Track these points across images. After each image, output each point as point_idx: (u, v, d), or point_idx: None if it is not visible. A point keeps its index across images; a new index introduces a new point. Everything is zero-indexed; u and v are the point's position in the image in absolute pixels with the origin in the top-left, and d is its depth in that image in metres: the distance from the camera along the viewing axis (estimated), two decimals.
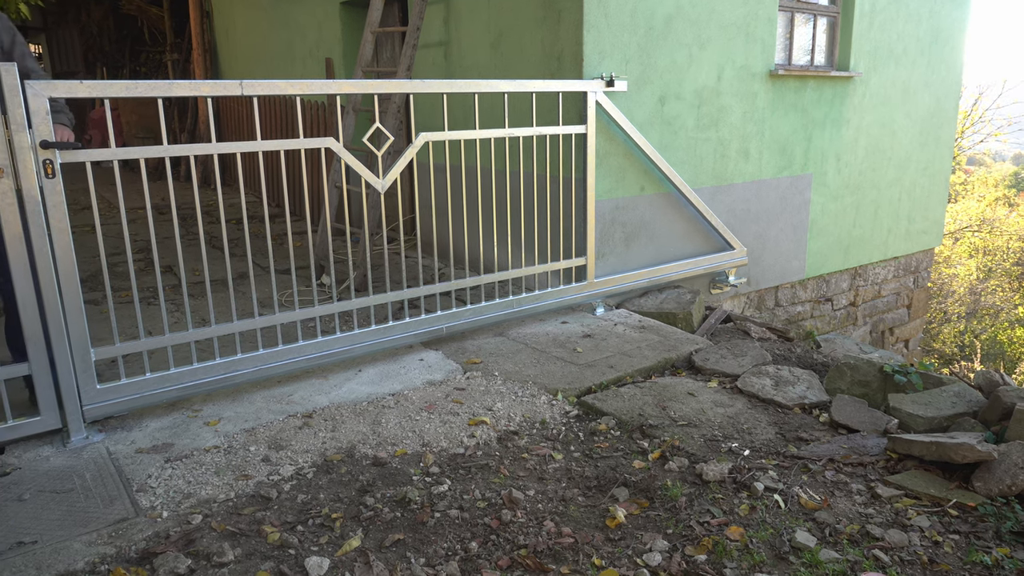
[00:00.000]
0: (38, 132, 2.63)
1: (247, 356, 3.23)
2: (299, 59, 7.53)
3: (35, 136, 2.62)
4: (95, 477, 2.58)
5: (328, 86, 3.28)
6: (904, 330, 7.36)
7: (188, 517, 2.35)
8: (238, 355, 3.21)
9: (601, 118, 4.28)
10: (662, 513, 2.40)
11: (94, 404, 2.89)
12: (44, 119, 2.63)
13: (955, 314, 15.53)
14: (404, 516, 2.38)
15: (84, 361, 2.84)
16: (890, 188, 6.54)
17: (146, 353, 3.03)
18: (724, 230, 5.10)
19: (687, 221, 4.98)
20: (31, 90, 2.60)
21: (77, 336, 2.80)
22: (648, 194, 4.72)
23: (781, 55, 5.49)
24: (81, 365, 2.84)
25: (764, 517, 2.37)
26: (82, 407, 2.87)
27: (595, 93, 4.14)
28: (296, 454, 2.76)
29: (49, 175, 2.66)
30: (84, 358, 2.84)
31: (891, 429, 2.97)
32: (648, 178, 4.70)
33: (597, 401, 3.23)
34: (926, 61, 6.41)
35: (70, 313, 2.77)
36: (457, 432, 2.95)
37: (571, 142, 4.26)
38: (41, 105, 2.62)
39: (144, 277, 5.31)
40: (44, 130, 2.63)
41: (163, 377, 3.04)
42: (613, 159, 4.48)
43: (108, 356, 2.92)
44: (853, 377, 3.42)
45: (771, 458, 2.77)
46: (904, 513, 2.39)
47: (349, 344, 3.47)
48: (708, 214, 4.96)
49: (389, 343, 3.58)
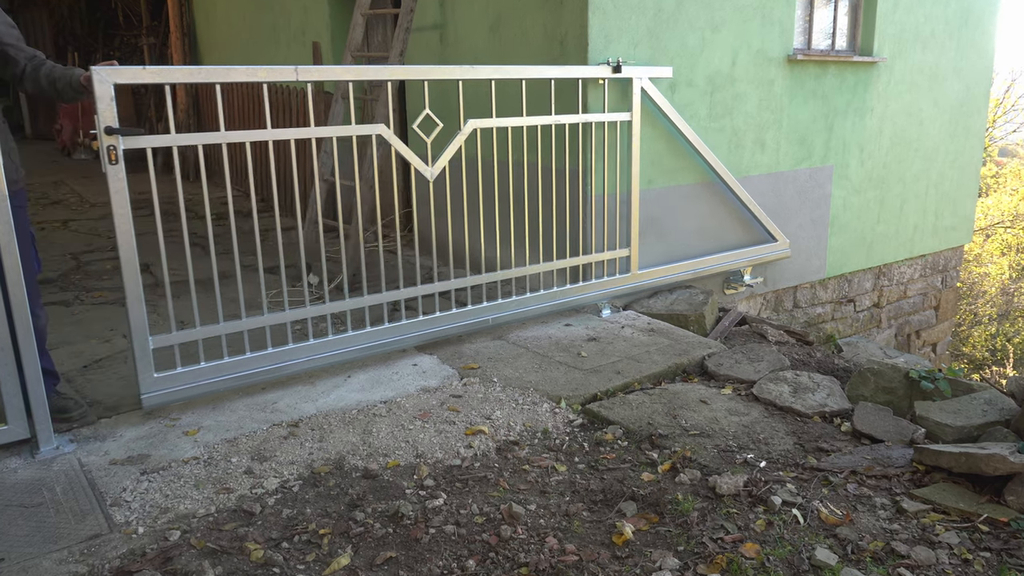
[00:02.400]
0: (103, 118, 2.77)
1: (301, 345, 3.41)
2: (284, 43, 7.54)
3: (101, 122, 2.76)
4: (66, 490, 2.58)
5: (379, 72, 3.40)
6: (931, 333, 7.36)
7: (165, 533, 2.35)
8: (289, 345, 3.40)
9: (642, 105, 4.36)
10: (672, 529, 2.40)
11: (152, 392, 3.06)
12: (108, 105, 2.77)
13: (986, 316, 15.53)
14: (396, 532, 2.38)
15: (143, 349, 3.02)
16: (916, 181, 6.54)
17: (201, 342, 3.19)
18: (767, 221, 5.25)
19: (728, 212, 5.10)
20: (97, 76, 2.73)
21: (137, 324, 2.98)
22: (687, 184, 4.86)
23: (800, 39, 5.49)
24: (140, 353, 3.01)
25: (782, 533, 2.37)
26: (140, 395, 3.05)
27: (640, 80, 4.33)
28: (281, 466, 2.76)
29: (112, 161, 2.82)
30: (143, 346, 3.01)
31: (917, 439, 2.97)
32: (687, 167, 4.83)
33: (603, 409, 3.24)
34: (955, 45, 6.41)
35: (131, 302, 2.96)
36: (453, 442, 2.95)
37: (616, 130, 4.39)
38: (106, 91, 2.76)
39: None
40: (108, 116, 2.77)
41: (217, 366, 3.21)
42: (650, 146, 4.61)
43: (165, 344, 3.09)
44: (877, 383, 3.42)
45: (789, 470, 2.77)
46: (931, 529, 2.39)
47: (393, 337, 3.61)
48: (751, 204, 5.11)
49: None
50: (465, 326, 3.88)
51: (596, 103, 4.29)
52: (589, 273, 4.40)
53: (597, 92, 4.28)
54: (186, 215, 3.13)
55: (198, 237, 6.47)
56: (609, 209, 4.45)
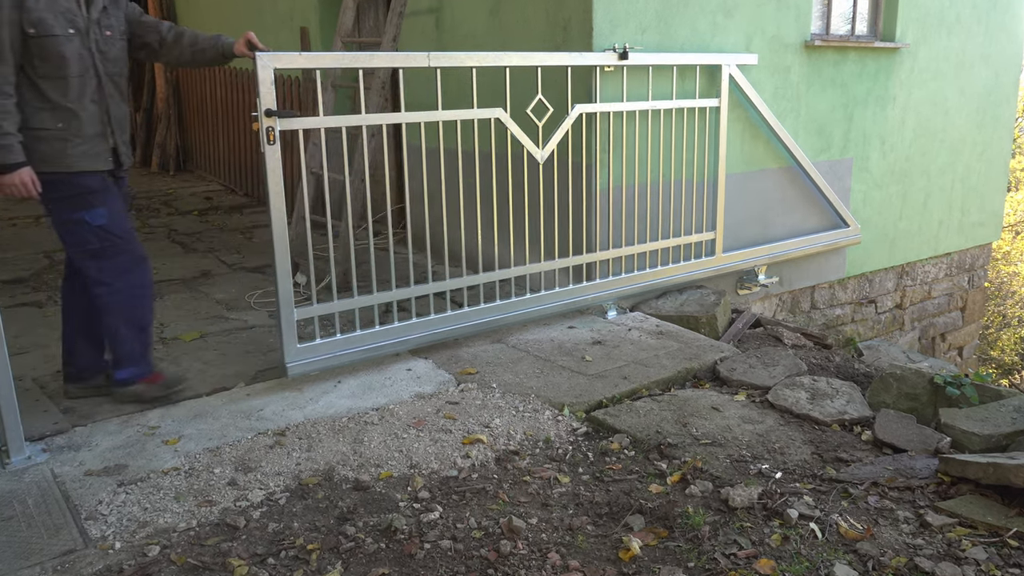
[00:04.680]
0: (264, 101, 3.16)
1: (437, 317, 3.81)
2: (271, 28, 7.53)
3: (261, 104, 3.16)
4: (38, 503, 2.58)
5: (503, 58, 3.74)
6: (957, 336, 7.37)
7: (144, 548, 2.35)
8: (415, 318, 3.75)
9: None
10: (682, 544, 2.40)
11: (296, 362, 3.42)
12: (269, 89, 3.18)
13: (1016, 318, 15.52)
14: (389, 547, 2.38)
15: (288, 321, 3.37)
16: (942, 175, 6.54)
17: (337, 315, 3.56)
18: (840, 206, 5.62)
19: (801, 196, 5.48)
20: (260, 62, 3.13)
21: (284, 297, 3.34)
22: (767, 168, 5.23)
23: (818, 24, 5.49)
24: (285, 325, 3.37)
25: (798, 548, 2.38)
26: (285, 364, 3.40)
27: (729, 67, 4.69)
28: (267, 477, 2.76)
29: (271, 141, 3.21)
30: (288, 318, 3.37)
31: (943, 448, 2.97)
32: (766, 152, 5.19)
33: (609, 417, 3.24)
34: (983, 30, 6.41)
35: (280, 276, 3.32)
36: (450, 452, 2.95)
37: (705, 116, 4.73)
38: (268, 76, 3.16)
39: None
40: (269, 99, 3.18)
41: (349, 339, 3.57)
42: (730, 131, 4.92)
43: (306, 316, 3.45)
44: (899, 389, 3.43)
45: (806, 481, 2.77)
46: (957, 544, 2.39)
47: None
48: (826, 189, 5.48)
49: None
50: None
51: (606, 91, 4.29)
52: (668, 257, 4.77)
53: (605, 80, 4.28)
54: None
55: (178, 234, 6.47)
56: (698, 193, 4.82)
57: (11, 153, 2.87)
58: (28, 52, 2.90)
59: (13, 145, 2.88)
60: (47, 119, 2.97)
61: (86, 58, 3.01)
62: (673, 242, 4.72)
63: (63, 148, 3.00)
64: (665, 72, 4.48)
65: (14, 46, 2.86)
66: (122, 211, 3.23)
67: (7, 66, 2.86)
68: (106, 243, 3.14)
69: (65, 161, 3.02)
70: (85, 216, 3.08)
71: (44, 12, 2.88)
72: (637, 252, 4.56)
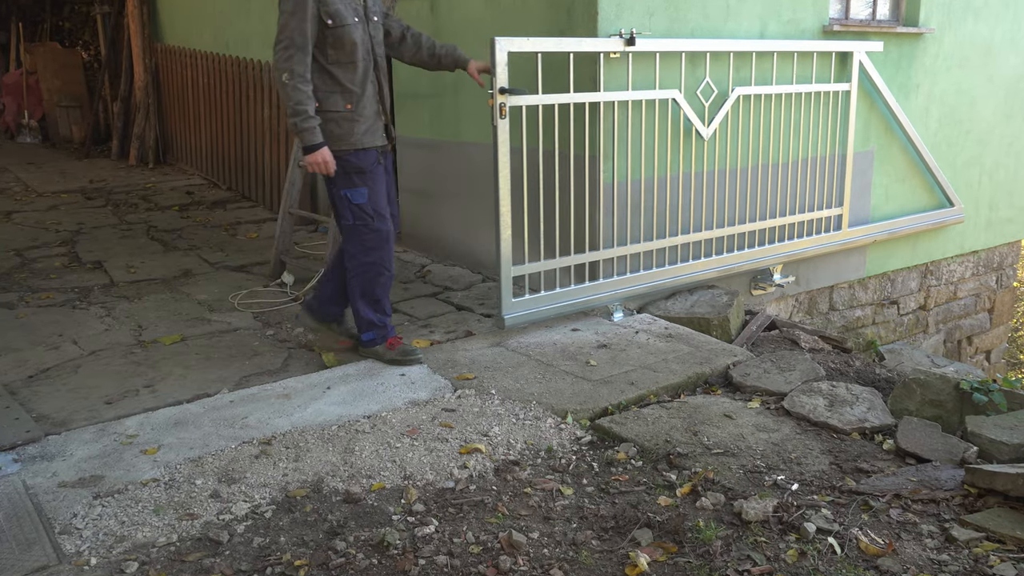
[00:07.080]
0: (499, 79, 3.84)
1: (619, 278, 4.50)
2: (256, 13, 7.54)
3: (496, 83, 3.83)
4: (9, 516, 2.59)
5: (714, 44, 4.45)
6: (985, 339, 7.37)
7: (121, 565, 2.35)
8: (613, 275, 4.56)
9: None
10: (693, 560, 2.41)
11: (511, 314, 4.14)
12: (503, 69, 3.85)
13: None
14: (382, 563, 2.38)
15: (506, 277, 4.07)
16: (968, 168, 6.54)
17: (542, 273, 4.26)
18: (948, 186, 6.20)
19: (912, 175, 6.10)
20: (498, 45, 3.81)
21: (504, 255, 4.03)
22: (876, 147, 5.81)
23: (836, 7, 5.49)
24: (504, 281, 4.07)
25: (816, 565, 2.38)
26: (503, 315, 4.12)
27: (859, 54, 5.30)
28: (252, 488, 2.77)
29: (502, 116, 3.88)
30: (507, 274, 4.07)
31: (969, 458, 2.97)
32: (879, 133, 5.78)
33: (615, 425, 3.24)
34: (1012, 15, 6.41)
35: (503, 239, 4.02)
36: (446, 462, 2.95)
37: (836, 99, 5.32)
38: (502, 58, 3.83)
39: (69, 275, 5.32)
40: (503, 78, 3.86)
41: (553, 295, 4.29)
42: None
43: (520, 273, 4.16)
44: (923, 396, 3.43)
45: (824, 493, 2.78)
46: (985, 560, 2.39)
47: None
48: (936, 169, 6.09)
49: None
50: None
51: (611, 80, 4.29)
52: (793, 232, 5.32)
53: (610, 67, 4.29)
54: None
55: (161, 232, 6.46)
56: (828, 170, 5.42)
57: (315, 135, 3.43)
58: (323, 41, 3.43)
59: (315, 128, 3.43)
60: (338, 102, 3.52)
61: (367, 43, 3.56)
62: (801, 217, 5.34)
63: (351, 128, 3.54)
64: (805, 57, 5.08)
65: (312, 37, 3.39)
66: (383, 190, 3.71)
67: (308, 56, 3.39)
68: (359, 221, 3.62)
69: (351, 139, 3.55)
70: (347, 194, 3.59)
71: (338, 4, 3.43)
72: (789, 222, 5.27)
